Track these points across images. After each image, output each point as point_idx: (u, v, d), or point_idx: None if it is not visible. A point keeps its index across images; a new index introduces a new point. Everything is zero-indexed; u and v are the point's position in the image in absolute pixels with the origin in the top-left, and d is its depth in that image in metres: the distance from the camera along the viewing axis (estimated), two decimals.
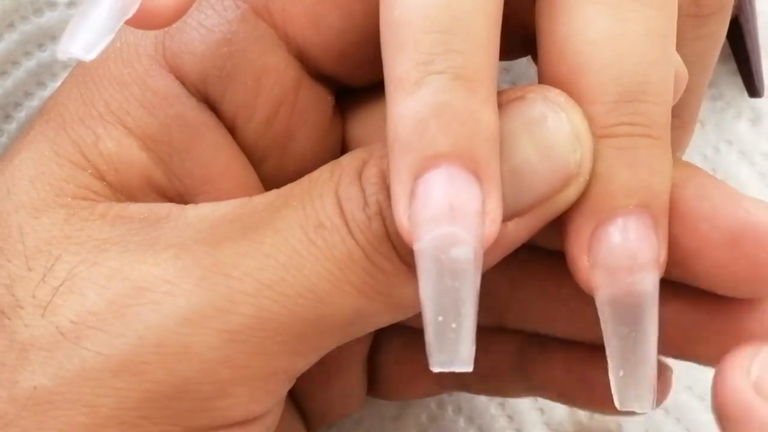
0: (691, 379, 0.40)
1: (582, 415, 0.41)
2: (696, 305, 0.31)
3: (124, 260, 0.29)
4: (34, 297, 0.29)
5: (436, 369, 0.27)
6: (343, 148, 0.34)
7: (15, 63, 0.40)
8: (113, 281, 0.29)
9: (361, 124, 0.33)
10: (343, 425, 0.41)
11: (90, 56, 0.27)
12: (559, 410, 0.41)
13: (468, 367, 0.27)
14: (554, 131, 0.28)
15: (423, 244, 0.27)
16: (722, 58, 0.41)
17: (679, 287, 0.30)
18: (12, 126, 0.40)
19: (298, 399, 0.36)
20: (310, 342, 0.29)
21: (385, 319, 0.29)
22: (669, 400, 0.40)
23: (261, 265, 0.28)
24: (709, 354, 0.31)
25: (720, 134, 0.42)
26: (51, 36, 0.40)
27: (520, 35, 0.30)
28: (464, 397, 0.41)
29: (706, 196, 0.29)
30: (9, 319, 0.29)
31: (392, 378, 0.37)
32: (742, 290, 0.30)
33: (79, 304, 0.28)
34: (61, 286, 0.29)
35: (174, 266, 0.29)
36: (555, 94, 0.28)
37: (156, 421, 0.28)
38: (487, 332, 0.35)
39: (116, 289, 0.29)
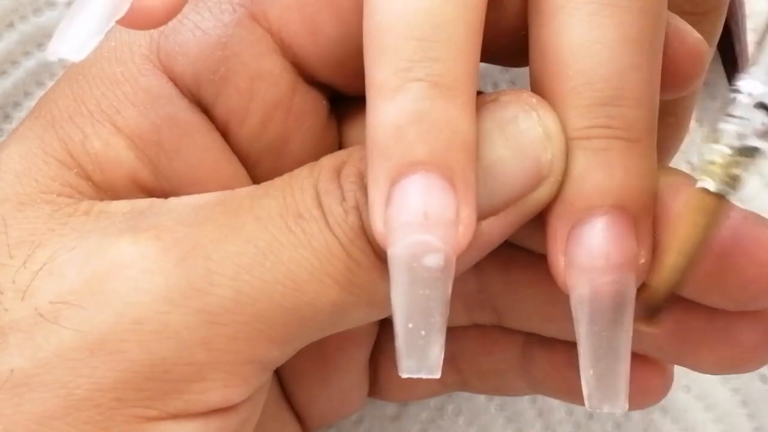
0: (690, 379, 0.40)
1: (581, 415, 0.41)
2: (693, 314, 0.31)
3: (103, 241, 0.29)
4: (14, 282, 0.29)
5: (404, 375, 0.27)
6: None
7: (14, 63, 0.40)
8: (92, 259, 0.29)
9: (355, 128, 0.33)
10: (342, 425, 0.41)
11: (79, 57, 0.27)
12: (558, 411, 0.41)
13: (435, 375, 0.27)
14: (525, 130, 0.28)
15: (396, 250, 0.27)
16: (718, 57, 0.41)
17: (674, 296, 0.30)
18: (11, 126, 0.40)
19: (296, 400, 0.36)
20: (287, 331, 0.29)
21: (362, 315, 0.30)
22: (667, 400, 0.40)
23: (240, 249, 0.28)
24: (706, 362, 0.31)
25: None
26: (50, 36, 0.39)
27: (526, 44, 0.30)
28: (464, 397, 0.41)
29: None
30: None
31: (394, 378, 0.37)
32: (730, 303, 0.30)
33: (58, 285, 0.29)
34: (40, 270, 0.29)
35: (154, 245, 0.29)
36: (527, 95, 0.29)
37: (131, 404, 0.28)
38: (489, 331, 0.35)
39: (94, 266, 0.29)
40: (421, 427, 0.41)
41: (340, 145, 0.34)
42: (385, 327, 0.36)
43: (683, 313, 0.31)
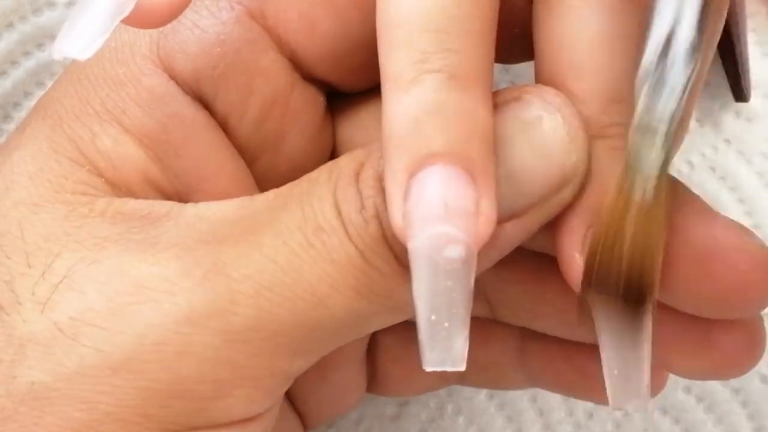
0: (690, 380, 0.41)
1: (580, 415, 0.41)
2: (675, 320, 0.31)
3: (123, 258, 0.29)
4: (33, 294, 0.29)
5: (428, 368, 0.27)
6: (334, 148, 0.34)
7: (14, 63, 0.40)
8: (113, 279, 0.29)
9: (351, 125, 0.33)
10: (342, 424, 0.41)
11: (85, 56, 0.27)
12: (558, 410, 0.41)
13: (460, 367, 0.27)
14: (550, 133, 0.28)
15: (417, 243, 0.26)
16: (718, 57, 0.41)
17: (658, 301, 0.30)
18: (11, 126, 0.40)
19: (294, 396, 0.36)
20: (309, 343, 0.29)
21: (384, 321, 0.30)
22: (667, 400, 0.40)
23: (261, 267, 0.28)
24: (688, 368, 0.31)
25: (718, 133, 0.42)
26: (50, 36, 0.40)
27: (523, 39, 0.30)
28: (463, 396, 0.41)
29: (679, 210, 0.29)
30: (8, 315, 0.29)
31: (392, 373, 0.37)
32: (709, 311, 0.29)
33: (78, 302, 0.29)
34: (60, 283, 0.29)
35: (175, 266, 0.29)
36: (551, 95, 0.28)
37: (155, 420, 0.28)
38: (486, 323, 0.35)
39: (116, 287, 0.29)
40: (421, 426, 0.41)
41: (336, 143, 0.34)
42: None
43: (665, 318, 0.31)
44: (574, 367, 0.34)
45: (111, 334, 0.28)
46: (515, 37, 0.30)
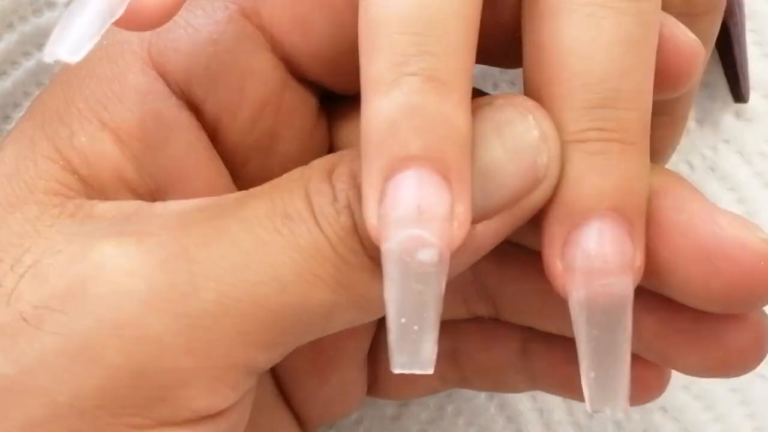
0: (690, 378, 0.40)
1: (580, 415, 0.41)
2: (680, 316, 0.31)
3: (87, 245, 0.29)
4: (1, 286, 0.29)
5: (396, 370, 0.27)
6: (329, 151, 0.34)
7: (14, 63, 0.40)
8: (74, 262, 0.28)
9: (346, 127, 0.33)
10: (342, 425, 0.41)
11: (76, 58, 0.27)
12: (558, 411, 0.41)
13: (428, 370, 0.27)
14: (521, 133, 0.28)
15: (390, 245, 0.27)
16: (717, 58, 0.41)
17: (663, 297, 0.30)
18: (11, 126, 0.40)
19: (294, 398, 0.36)
20: (274, 335, 0.29)
21: (351, 317, 0.29)
22: (667, 400, 0.40)
23: (225, 252, 0.28)
24: (692, 365, 0.31)
25: (718, 134, 0.42)
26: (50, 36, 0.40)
27: (519, 44, 0.30)
28: (464, 397, 0.41)
29: (684, 208, 0.29)
30: None
31: (392, 376, 0.37)
32: (714, 306, 0.29)
33: (41, 289, 0.28)
34: (25, 273, 0.29)
35: (137, 249, 0.28)
36: (522, 99, 0.28)
37: (115, 412, 0.28)
38: (487, 325, 0.36)
39: (76, 270, 0.28)
40: (421, 427, 0.41)
41: (331, 144, 0.34)
42: (382, 323, 0.36)
43: (670, 314, 0.31)
44: (576, 368, 0.34)
45: (71, 318, 0.28)
46: (515, 42, 0.30)
